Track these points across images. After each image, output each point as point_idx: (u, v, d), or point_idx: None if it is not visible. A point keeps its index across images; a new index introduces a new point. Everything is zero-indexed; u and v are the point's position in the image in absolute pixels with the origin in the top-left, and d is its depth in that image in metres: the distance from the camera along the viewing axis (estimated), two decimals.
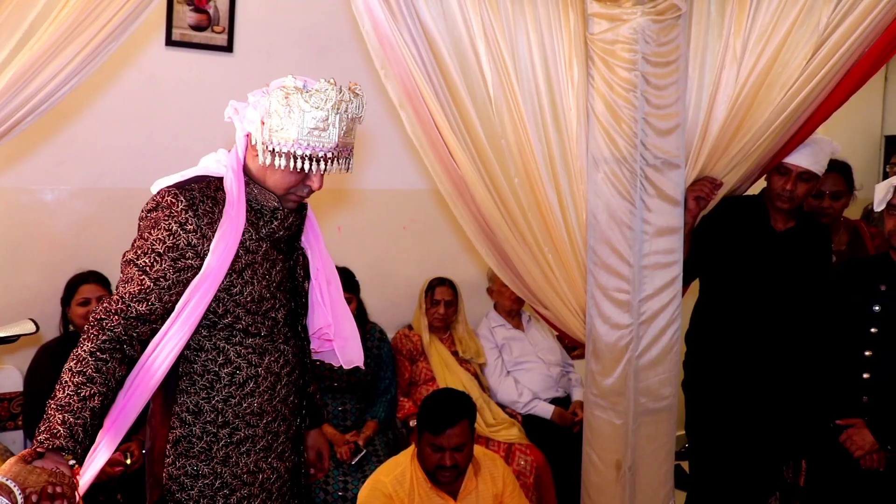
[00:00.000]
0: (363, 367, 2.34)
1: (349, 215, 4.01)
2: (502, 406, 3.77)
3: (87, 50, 2.16)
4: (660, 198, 2.76)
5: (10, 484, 1.48)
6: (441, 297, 3.92)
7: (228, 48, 3.61)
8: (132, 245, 1.85)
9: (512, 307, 4.06)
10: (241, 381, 1.94)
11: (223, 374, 1.92)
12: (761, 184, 3.16)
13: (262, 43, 3.69)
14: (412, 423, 3.62)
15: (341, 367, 3.42)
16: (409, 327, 3.99)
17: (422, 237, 4.21)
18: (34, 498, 1.49)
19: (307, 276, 2.13)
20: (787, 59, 2.72)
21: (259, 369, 1.96)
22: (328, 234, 3.91)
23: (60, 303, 3.22)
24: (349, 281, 3.57)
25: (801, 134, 2.88)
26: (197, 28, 3.51)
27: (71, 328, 3.21)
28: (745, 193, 3.16)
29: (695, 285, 3.23)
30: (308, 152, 1.80)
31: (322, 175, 1.88)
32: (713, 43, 2.84)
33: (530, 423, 3.70)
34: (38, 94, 2.17)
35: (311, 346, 2.20)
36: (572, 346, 4.08)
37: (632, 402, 2.80)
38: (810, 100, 2.74)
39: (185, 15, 3.47)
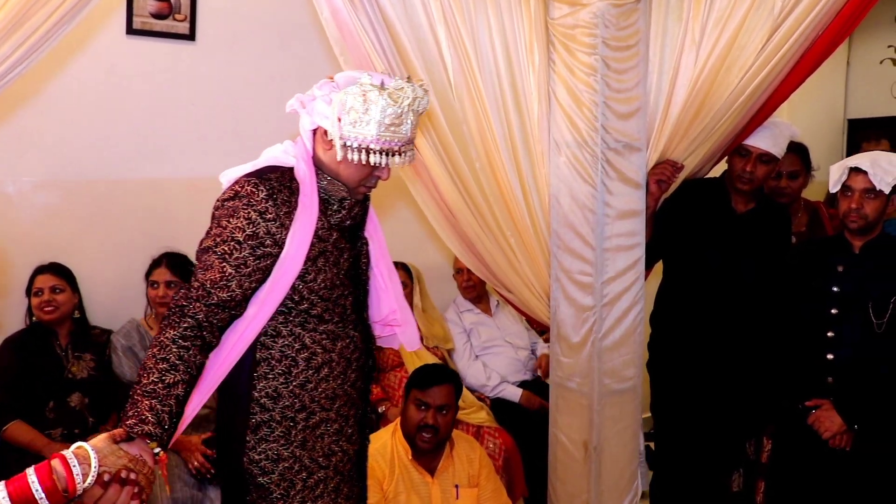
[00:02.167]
0: (421, 347, 2.40)
1: None
2: (471, 390, 3.79)
3: (37, 35, 2.13)
4: (621, 181, 2.79)
5: (92, 454, 1.46)
6: None
7: (191, 37, 3.57)
8: (208, 234, 1.89)
9: (465, 295, 4.10)
10: (317, 366, 1.99)
11: (300, 360, 1.97)
12: (722, 166, 3.20)
13: (225, 31, 3.66)
14: (381, 408, 3.64)
15: None
16: None
17: (386, 224, 4.18)
18: (106, 477, 1.46)
19: (370, 266, 2.19)
20: (744, 43, 2.75)
21: (332, 354, 2.02)
22: None
23: (26, 294, 3.20)
24: None
25: (759, 116, 2.92)
26: (158, 16, 3.47)
27: (34, 319, 3.19)
28: (706, 176, 3.20)
29: (658, 267, 3.27)
30: (385, 147, 1.86)
31: (390, 167, 1.94)
32: (672, 27, 2.87)
33: (499, 407, 3.73)
34: None
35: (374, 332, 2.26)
36: (541, 331, 4.11)
37: (596, 383, 2.83)
38: (767, 82, 2.78)
39: (145, 3, 3.43)
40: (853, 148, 5.41)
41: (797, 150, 3.34)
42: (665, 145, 2.96)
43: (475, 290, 4.08)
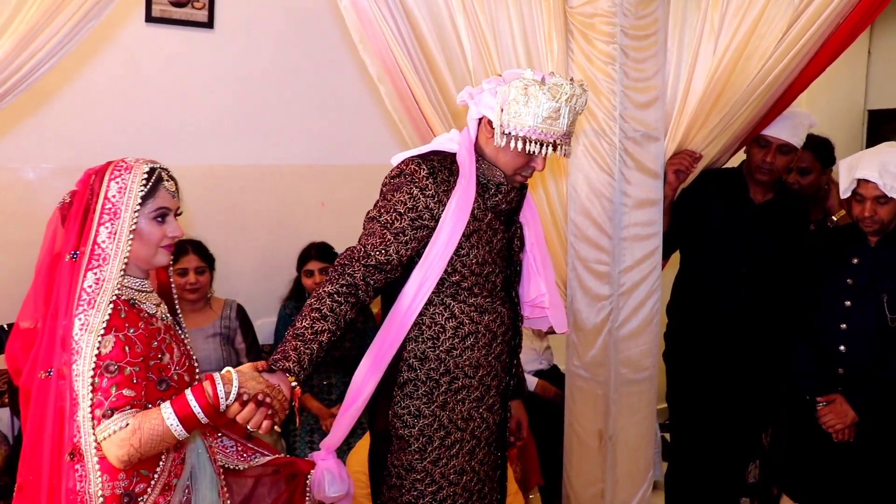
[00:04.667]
0: (568, 332, 2.54)
1: (332, 191, 4.00)
2: None
3: (66, 28, 2.17)
4: (639, 170, 2.78)
5: (234, 376, 1.73)
6: None
7: (209, 24, 3.59)
8: (375, 206, 2.10)
9: None
10: (464, 335, 2.15)
11: (448, 327, 2.14)
12: (740, 156, 3.19)
13: (243, 19, 3.67)
14: None
15: None
16: None
17: None
18: (245, 397, 1.71)
19: (522, 248, 2.31)
20: (763, 33, 2.73)
21: (479, 326, 2.17)
22: (312, 209, 3.93)
23: None
24: (329, 254, 3.58)
25: (778, 106, 2.90)
26: (177, 4, 3.49)
27: None
28: (725, 166, 3.19)
29: (675, 257, 3.26)
30: (541, 138, 1.99)
31: (545, 158, 2.07)
32: (691, 16, 2.86)
33: None
34: (17, 72, 2.17)
35: (524, 313, 2.38)
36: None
37: (612, 372, 2.84)
38: (787, 72, 2.76)
39: None
40: (874, 139, 5.36)
41: (814, 148, 3.30)
42: (683, 135, 2.95)
43: None
